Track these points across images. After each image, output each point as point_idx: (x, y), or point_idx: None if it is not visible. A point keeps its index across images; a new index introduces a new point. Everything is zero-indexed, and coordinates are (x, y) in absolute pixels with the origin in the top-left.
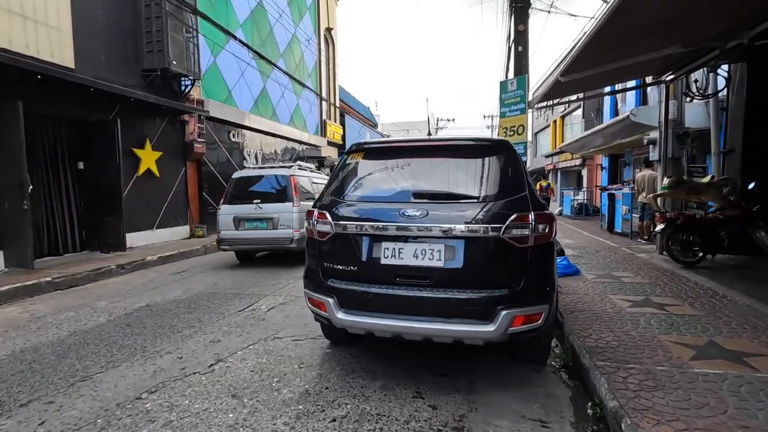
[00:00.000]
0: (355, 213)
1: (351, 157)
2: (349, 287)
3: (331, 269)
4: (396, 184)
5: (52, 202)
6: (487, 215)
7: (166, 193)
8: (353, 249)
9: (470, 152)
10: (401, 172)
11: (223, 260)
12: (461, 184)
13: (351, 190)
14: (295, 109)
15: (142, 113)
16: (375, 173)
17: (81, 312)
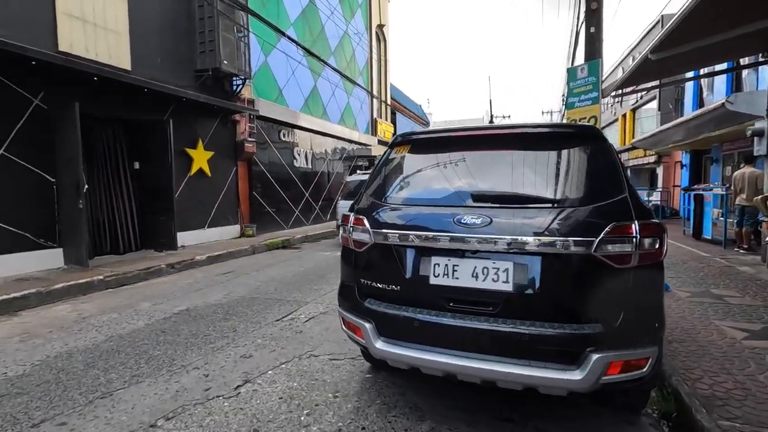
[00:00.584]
0: (398, 219)
1: (395, 151)
2: (391, 311)
3: (368, 287)
4: (450, 183)
5: (112, 201)
6: (574, 225)
7: (217, 193)
8: (396, 264)
9: (547, 142)
10: (457, 168)
11: (270, 261)
12: (536, 184)
13: (394, 191)
14: (346, 107)
15: (195, 113)
16: (424, 170)
17: (123, 314)
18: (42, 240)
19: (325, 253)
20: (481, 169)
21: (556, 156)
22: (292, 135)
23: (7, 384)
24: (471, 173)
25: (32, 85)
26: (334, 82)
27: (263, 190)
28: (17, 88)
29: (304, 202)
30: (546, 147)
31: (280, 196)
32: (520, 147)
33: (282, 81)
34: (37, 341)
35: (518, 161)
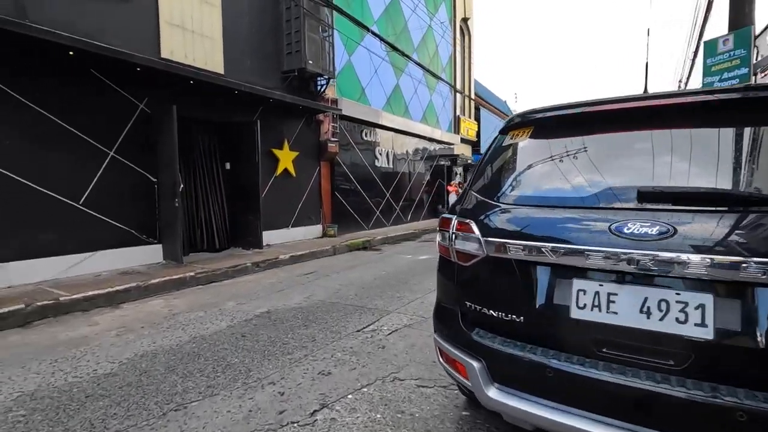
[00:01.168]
0: (522, 225)
1: (512, 135)
2: (511, 350)
3: (477, 314)
4: (597, 176)
5: (206, 200)
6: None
7: (301, 193)
8: (519, 286)
9: (746, 114)
10: (607, 155)
11: (350, 263)
12: (743, 176)
13: (513, 187)
14: (428, 105)
15: (281, 114)
16: (556, 159)
17: (209, 312)
18: (144, 236)
19: (406, 257)
20: (645, 154)
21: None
22: (374, 134)
23: (94, 383)
24: (629, 161)
25: (138, 91)
26: (417, 79)
27: (345, 190)
28: (125, 94)
29: (384, 203)
30: (747, 120)
31: (362, 197)
32: (706, 122)
33: (365, 80)
34: (130, 337)
35: (706, 142)
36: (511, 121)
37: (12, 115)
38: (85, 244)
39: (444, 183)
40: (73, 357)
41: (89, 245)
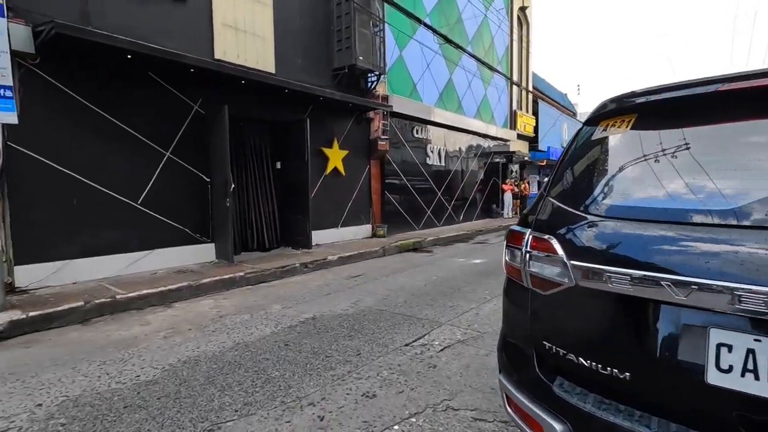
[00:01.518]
0: (626, 245)
1: (605, 127)
2: (610, 417)
3: (560, 359)
4: (741, 178)
5: (257, 200)
6: None
7: (351, 192)
8: (622, 329)
9: None
10: (752, 150)
11: (400, 265)
12: None
13: (608, 194)
14: (483, 99)
15: (331, 113)
16: (671, 155)
17: (255, 315)
18: (198, 235)
19: (458, 260)
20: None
21: None
22: (425, 131)
23: (134, 392)
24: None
25: (192, 93)
26: (471, 72)
27: (395, 189)
28: (181, 96)
29: (436, 202)
30: None
31: (412, 196)
32: None
33: (416, 75)
34: (177, 340)
35: None
36: (604, 108)
37: (78, 119)
38: (143, 243)
39: (499, 181)
40: (121, 359)
41: (147, 244)
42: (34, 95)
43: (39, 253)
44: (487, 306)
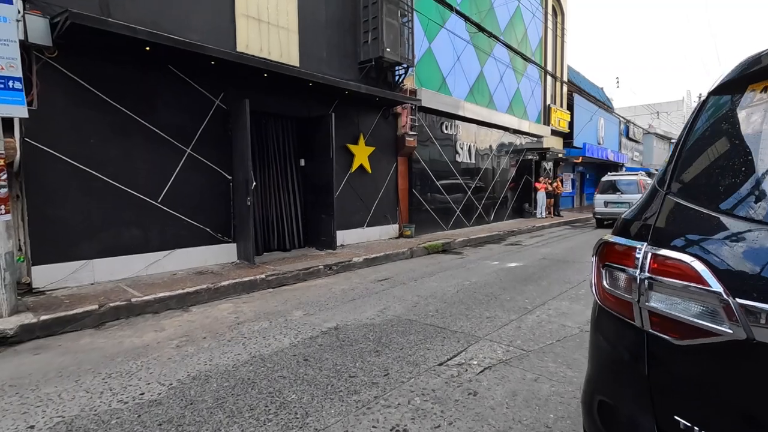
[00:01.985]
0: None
1: (753, 92)
2: None
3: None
4: None
5: (280, 198)
6: None
7: (377, 190)
8: None
9: None
10: None
11: (429, 268)
12: None
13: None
14: (515, 94)
15: (357, 107)
16: None
17: (274, 323)
18: (219, 235)
19: (491, 263)
20: None
21: None
22: (455, 127)
23: (135, 414)
24: None
25: (214, 87)
26: (504, 64)
27: (423, 188)
28: (202, 90)
29: (465, 201)
30: None
31: (441, 195)
32: None
33: (446, 68)
34: (189, 350)
35: None
36: (754, 65)
37: (96, 114)
38: (163, 243)
39: (531, 179)
40: (128, 372)
41: (167, 243)
42: (52, 90)
43: (57, 252)
44: (530, 318)
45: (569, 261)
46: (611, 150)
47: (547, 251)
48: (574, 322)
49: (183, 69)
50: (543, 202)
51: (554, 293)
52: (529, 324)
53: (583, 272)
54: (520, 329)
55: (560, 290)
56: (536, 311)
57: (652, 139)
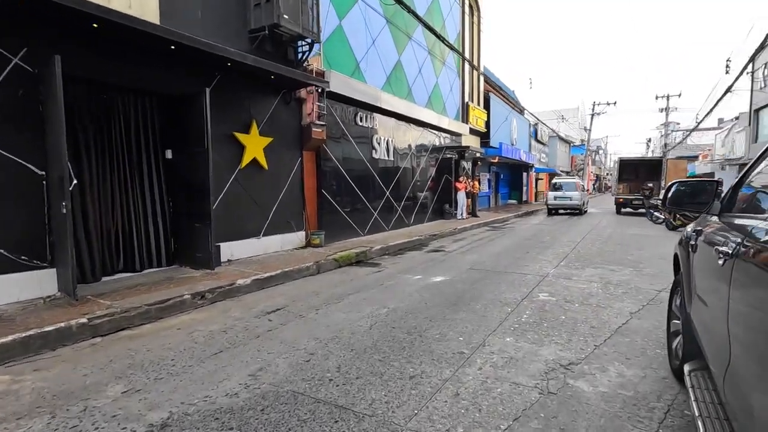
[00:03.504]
0: None
1: None
2: None
3: None
4: None
5: (132, 202)
6: None
7: (278, 191)
8: None
9: None
10: None
11: (338, 289)
12: None
13: None
14: (434, 88)
15: (249, 88)
16: None
17: (59, 419)
18: (24, 258)
19: (413, 278)
20: None
21: None
22: (371, 120)
23: None
24: None
25: (12, 41)
26: (423, 49)
27: (335, 188)
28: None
29: (384, 203)
30: None
31: (356, 195)
32: None
33: (359, 51)
34: None
35: None
36: None
37: None
38: None
39: (451, 179)
40: None
41: None
42: None
43: None
44: (470, 374)
45: (500, 272)
46: (523, 151)
47: (473, 259)
48: (528, 377)
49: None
50: (463, 203)
51: (493, 323)
52: (470, 388)
53: (518, 286)
54: (458, 401)
55: (499, 317)
56: (476, 358)
57: (557, 141)
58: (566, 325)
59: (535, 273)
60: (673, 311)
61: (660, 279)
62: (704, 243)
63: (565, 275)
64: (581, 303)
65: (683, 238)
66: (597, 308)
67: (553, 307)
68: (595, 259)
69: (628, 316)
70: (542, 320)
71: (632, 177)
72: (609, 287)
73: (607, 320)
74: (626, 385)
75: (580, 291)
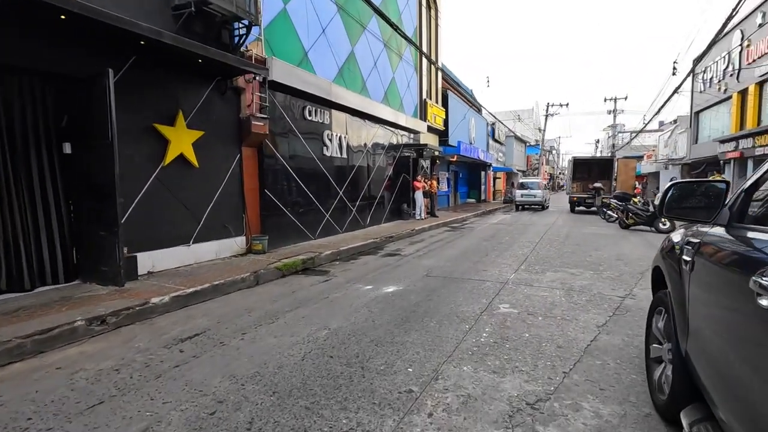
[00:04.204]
0: None
1: None
2: None
3: None
4: None
5: (13, 205)
6: None
7: (212, 192)
8: None
9: None
10: None
11: (272, 305)
12: None
13: None
14: (391, 83)
15: (173, 73)
16: None
17: None
18: None
19: (364, 288)
20: None
21: None
22: (322, 114)
23: None
24: None
25: None
26: (378, 41)
27: (281, 188)
28: None
29: (337, 204)
30: None
31: (306, 196)
32: None
33: (308, 40)
34: None
35: None
36: None
37: None
38: None
39: (409, 178)
40: None
41: None
42: None
43: None
44: (418, 423)
45: (457, 278)
46: (481, 150)
47: (430, 264)
48: (488, 424)
49: None
50: (421, 203)
51: (448, 345)
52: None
53: (477, 296)
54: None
55: (455, 337)
56: (427, 399)
57: (513, 141)
58: (531, 344)
59: (494, 279)
60: (653, 334)
61: (620, 283)
62: (714, 264)
63: (525, 281)
64: (545, 315)
65: (669, 249)
66: (562, 321)
67: (516, 321)
68: (555, 261)
69: (595, 330)
70: (504, 340)
71: (585, 176)
72: (572, 294)
73: (574, 337)
74: (605, 430)
75: (542, 300)
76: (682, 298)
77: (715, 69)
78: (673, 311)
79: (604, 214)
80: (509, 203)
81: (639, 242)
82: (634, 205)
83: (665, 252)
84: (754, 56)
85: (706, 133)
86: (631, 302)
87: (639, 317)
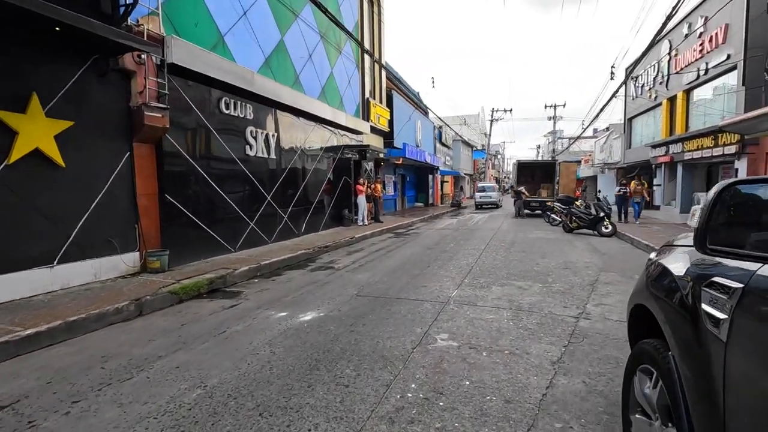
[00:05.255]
0: None
1: None
2: None
3: None
4: None
5: None
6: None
7: (88, 198)
8: None
9: None
10: None
11: (145, 348)
12: None
13: None
14: (329, 79)
15: (23, 46)
16: None
17: None
18: None
19: (276, 316)
20: None
21: None
22: (244, 108)
23: None
24: None
25: None
26: (313, 31)
27: (189, 192)
28: None
29: (264, 210)
30: None
31: (223, 202)
32: None
33: (225, 23)
34: None
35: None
36: None
37: None
38: None
39: (351, 181)
40: None
41: None
42: None
43: None
44: None
45: (391, 298)
46: (428, 153)
47: (364, 279)
48: None
49: None
50: (364, 208)
51: (361, 410)
52: None
53: (410, 324)
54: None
55: (374, 395)
56: None
57: (460, 145)
58: (471, 401)
59: (434, 298)
60: (636, 399)
61: (571, 298)
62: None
63: (469, 299)
64: (490, 350)
65: (666, 286)
66: (510, 358)
67: (454, 361)
68: (501, 272)
69: (550, 369)
70: (437, 394)
71: (529, 179)
72: (521, 316)
73: (526, 383)
74: None
75: (487, 326)
76: (707, 375)
77: (646, 77)
78: (682, 389)
79: (548, 217)
80: (457, 207)
81: (584, 247)
82: (577, 209)
83: (656, 287)
84: (681, 65)
85: (638, 139)
86: (586, 324)
87: (598, 345)
